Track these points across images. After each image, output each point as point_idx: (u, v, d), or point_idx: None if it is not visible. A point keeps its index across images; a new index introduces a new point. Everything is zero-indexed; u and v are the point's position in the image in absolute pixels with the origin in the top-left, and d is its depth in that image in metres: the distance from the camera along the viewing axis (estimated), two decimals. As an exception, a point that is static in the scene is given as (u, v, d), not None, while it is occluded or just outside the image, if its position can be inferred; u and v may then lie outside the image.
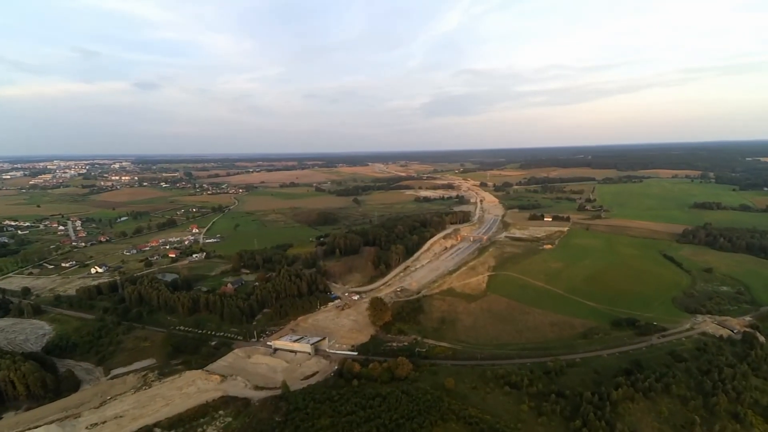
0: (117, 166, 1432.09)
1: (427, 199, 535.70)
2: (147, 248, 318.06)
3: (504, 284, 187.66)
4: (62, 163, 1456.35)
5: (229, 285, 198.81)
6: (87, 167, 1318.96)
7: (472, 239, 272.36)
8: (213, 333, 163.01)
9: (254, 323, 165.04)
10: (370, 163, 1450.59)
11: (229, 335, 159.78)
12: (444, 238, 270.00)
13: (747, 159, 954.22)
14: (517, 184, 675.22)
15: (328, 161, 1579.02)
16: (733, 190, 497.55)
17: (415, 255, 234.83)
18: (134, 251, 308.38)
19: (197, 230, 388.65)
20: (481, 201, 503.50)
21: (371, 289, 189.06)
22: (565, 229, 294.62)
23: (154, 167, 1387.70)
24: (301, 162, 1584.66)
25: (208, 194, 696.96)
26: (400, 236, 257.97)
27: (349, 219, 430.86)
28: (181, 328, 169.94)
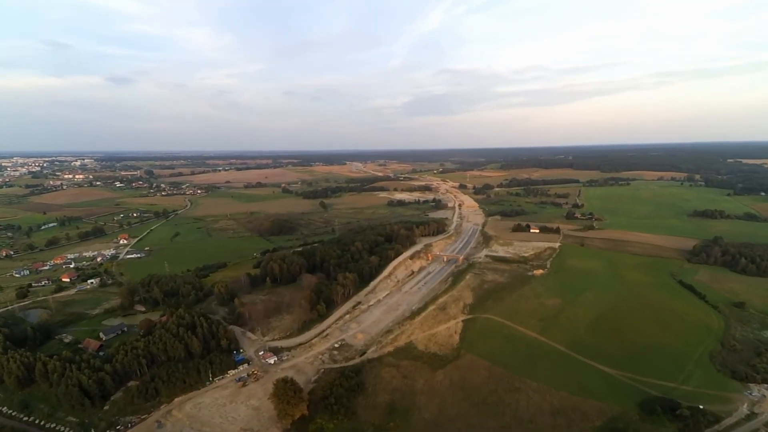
0: (78, 163, 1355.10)
1: (401, 203, 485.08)
2: (46, 267, 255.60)
3: (484, 336, 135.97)
4: (21, 160, 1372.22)
5: (101, 335, 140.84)
6: (46, 164, 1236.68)
7: (445, 259, 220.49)
8: (42, 423, 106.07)
9: (106, 407, 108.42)
10: (348, 162, 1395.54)
11: (61, 429, 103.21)
12: (412, 257, 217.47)
13: (728, 161, 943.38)
14: (498, 186, 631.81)
15: (306, 160, 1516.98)
16: (728, 194, 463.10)
17: (372, 284, 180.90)
18: (26, 272, 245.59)
19: (125, 241, 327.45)
20: (459, 205, 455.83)
21: (299, 344, 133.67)
22: (557, 244, 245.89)
23: (119, 165, 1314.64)
24: (276, 160, 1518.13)
25: (162, 195, 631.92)
26: (356, 257, 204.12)
27: (309, 227, 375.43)
28: (3, 410, 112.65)
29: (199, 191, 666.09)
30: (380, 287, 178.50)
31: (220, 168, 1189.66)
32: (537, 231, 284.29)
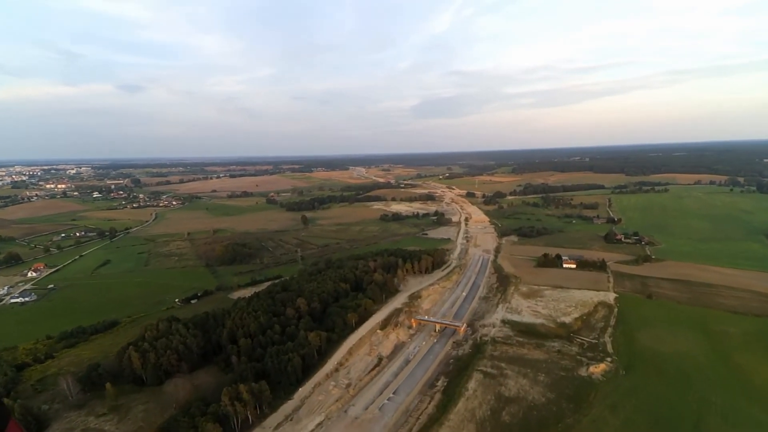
0: (74, 171, 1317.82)
1: (397, 217, 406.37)
2: None
3: None
4: (17, 169, 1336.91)
5: None
6: (40, 173, 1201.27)
7: (437, 329, 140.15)
8: None
9: None
10: (350, 167, 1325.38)
11: None
12: (384, 325, 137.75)
13: (765, 160, 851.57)
14: (510, 194, 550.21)
15: (310, 165, 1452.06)
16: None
17: (300, 393, 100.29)
18: None
19: (35, 273, 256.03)
20: (466, 220, 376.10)
21: None
22: (611, 295, 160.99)
23: (114, 172, 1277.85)
24: (277, 166, 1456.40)
25: (132, 208, 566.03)
26: (289, 331, 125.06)
27: (275, 251, 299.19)
28: None
29: (174, 202, 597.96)
30: (312, 402, 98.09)
31: (215, 175, 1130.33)
32: (573, 266, 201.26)
